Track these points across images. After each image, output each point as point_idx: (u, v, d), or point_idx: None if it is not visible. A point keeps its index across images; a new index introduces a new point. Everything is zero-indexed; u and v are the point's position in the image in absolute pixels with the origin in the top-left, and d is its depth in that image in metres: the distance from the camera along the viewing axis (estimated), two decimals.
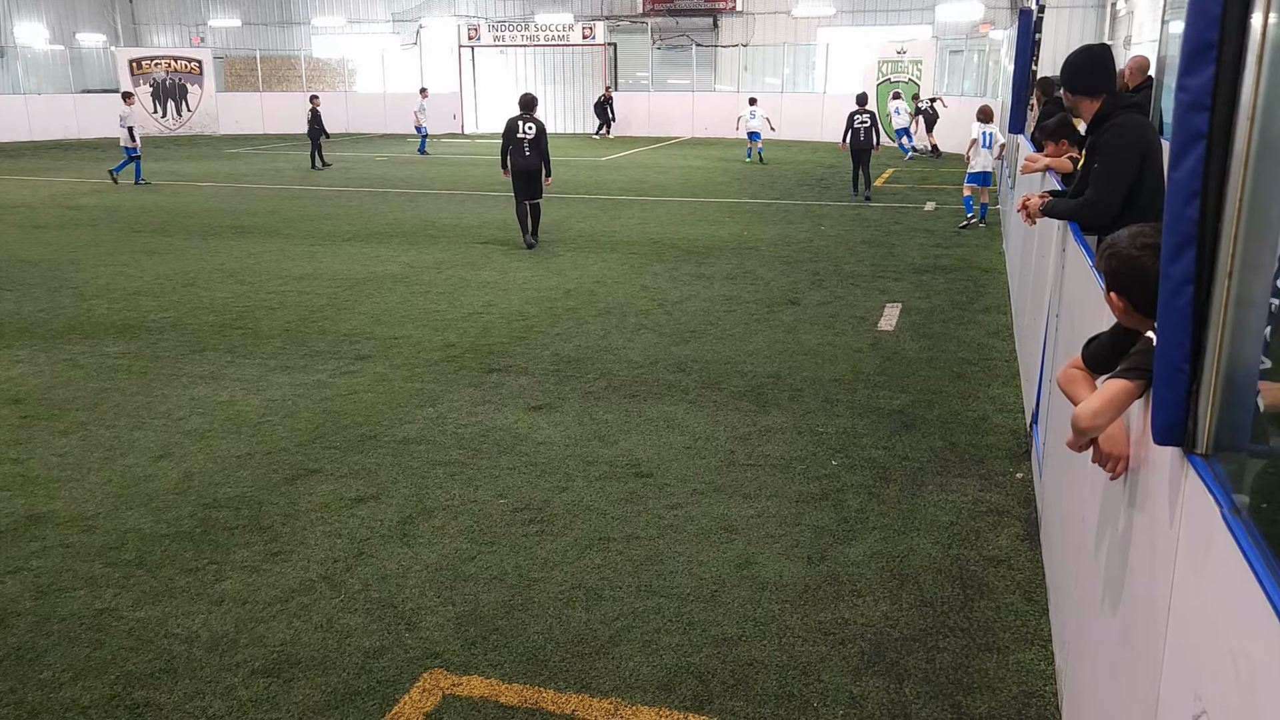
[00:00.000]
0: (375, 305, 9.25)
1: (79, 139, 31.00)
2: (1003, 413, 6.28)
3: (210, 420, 6.18)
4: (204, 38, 40.03)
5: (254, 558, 4.44)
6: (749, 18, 34.58)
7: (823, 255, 11.65)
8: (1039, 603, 4.04)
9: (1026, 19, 11.03)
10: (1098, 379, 2.51)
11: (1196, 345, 1.72)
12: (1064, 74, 4.66)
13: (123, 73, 32.92)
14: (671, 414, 6.26)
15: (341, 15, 39.37)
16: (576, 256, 11.66)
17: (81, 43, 38.89)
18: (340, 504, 4.99)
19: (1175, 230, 1.71)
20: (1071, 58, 4.65)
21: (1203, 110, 1.63)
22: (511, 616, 3.95)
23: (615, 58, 35.70)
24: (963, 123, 25.12)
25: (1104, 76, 4.55)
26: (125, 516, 4.85)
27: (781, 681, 3.53)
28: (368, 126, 35.34)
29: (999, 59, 22.30)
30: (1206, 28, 1.61)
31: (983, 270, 10.79)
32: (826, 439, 5.83)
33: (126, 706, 3.41)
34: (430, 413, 6.30)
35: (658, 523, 4.77)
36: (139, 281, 10.42)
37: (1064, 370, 2.64)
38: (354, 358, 7.53)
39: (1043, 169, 6.39)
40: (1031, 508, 4.92)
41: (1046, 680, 3.53)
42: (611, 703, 3.43)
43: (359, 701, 3.44)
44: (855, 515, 4.84)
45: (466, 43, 34.70)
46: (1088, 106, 4.55)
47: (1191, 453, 1.77)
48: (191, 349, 7.83)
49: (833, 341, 7.92)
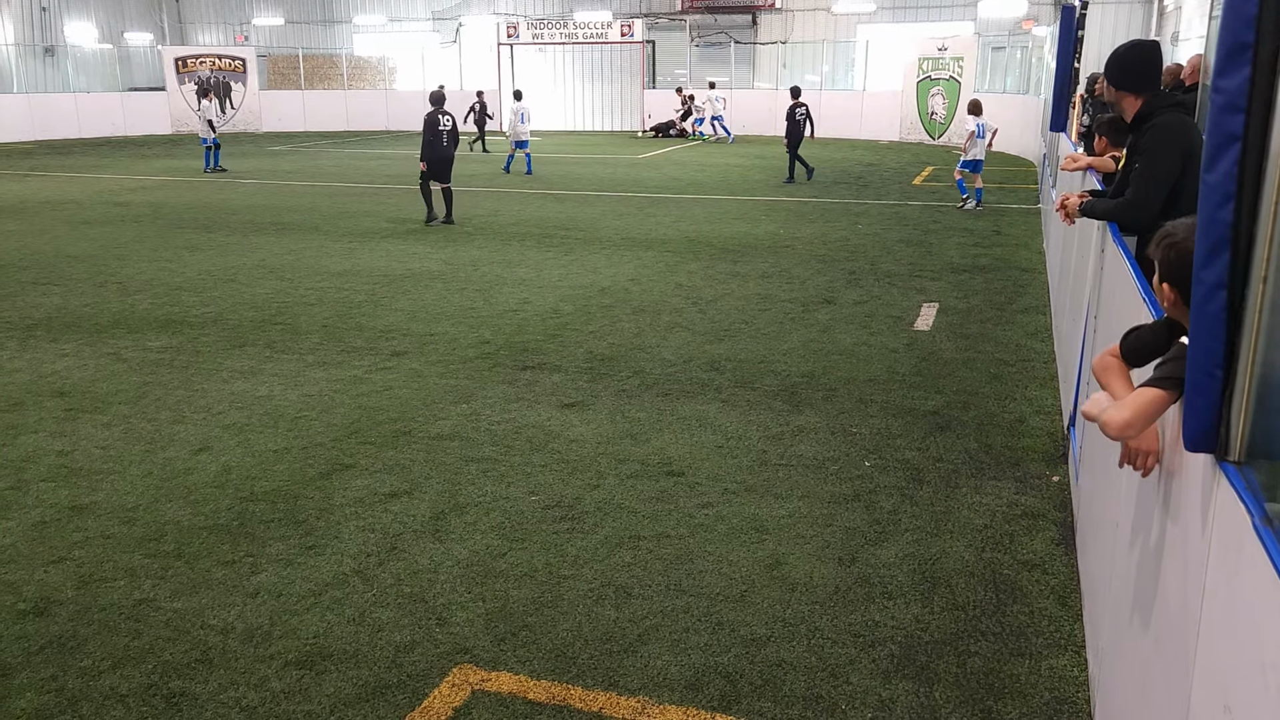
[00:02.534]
0: (412, 302, 9.34)
1: (126, 136, 31.56)
2: (1040, 415, 6.21)
3: (249, 415, 6.27)
4: (248, 36, 40.58)
5: (289, 551, 4.51)
6: (788, 14, 34.40)
7: (859, 254, 11.58)
8: (1073, 608, 3.99)
9: (1070, 15, 10.86)
10: (1133, 371, 2.47)
11: (1230, 350, 1.69)
12: (1109, 67, 4.56)
13: (168, 71, 33.46)
14: (704, 413, 6.25)
15: (382, 14, 39.72)
16: (611, 254, 11.68)
17: (129, 41, 39.60)
18: (374, 499, 5.05)
19: (1209, 234, 1.68)
20: (1119, 51, 4.55)
21: (1238, 112, 1.60)
22: (541, 613, 3.98)
23: (653, 55, 35.68)
24: (1003, 119, 24.86)
25: (1150, 74, 4.45)
26: (164, 509, 4.94)
27: (810, 683, 3.52)
28: (407, 124, 35.61)
29: (1042, 56, 22.00)
30: (1242, 28, 1.58)
31: (1022, 270, 10.66)
32: (860, 439, 5.80)
33: (163, 695, 3.47)
34: (464, 409, 6.35)
35: (688, 522, 4.77)
36: (181, 277, 10.60)
37: (1101, 357, 2.60)
38: (390, 354, 7.61)
39: (1084, 167, 6.30)
40: (1067, 511, 4.85)
41: (1079, 687, 3.49)
42: (639, 701, 3.43)
43: (389, 695, 3.48)
44: (888, 517, 4.81)
45: (505, 40, 34.86)
46: (1130, 103, 4.46)
47: (1224, 460, 1.74)
48: (231, 344, 7.95)
49: (868, 341, 7.86)
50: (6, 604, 4.07)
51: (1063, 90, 10.44)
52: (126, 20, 40.24)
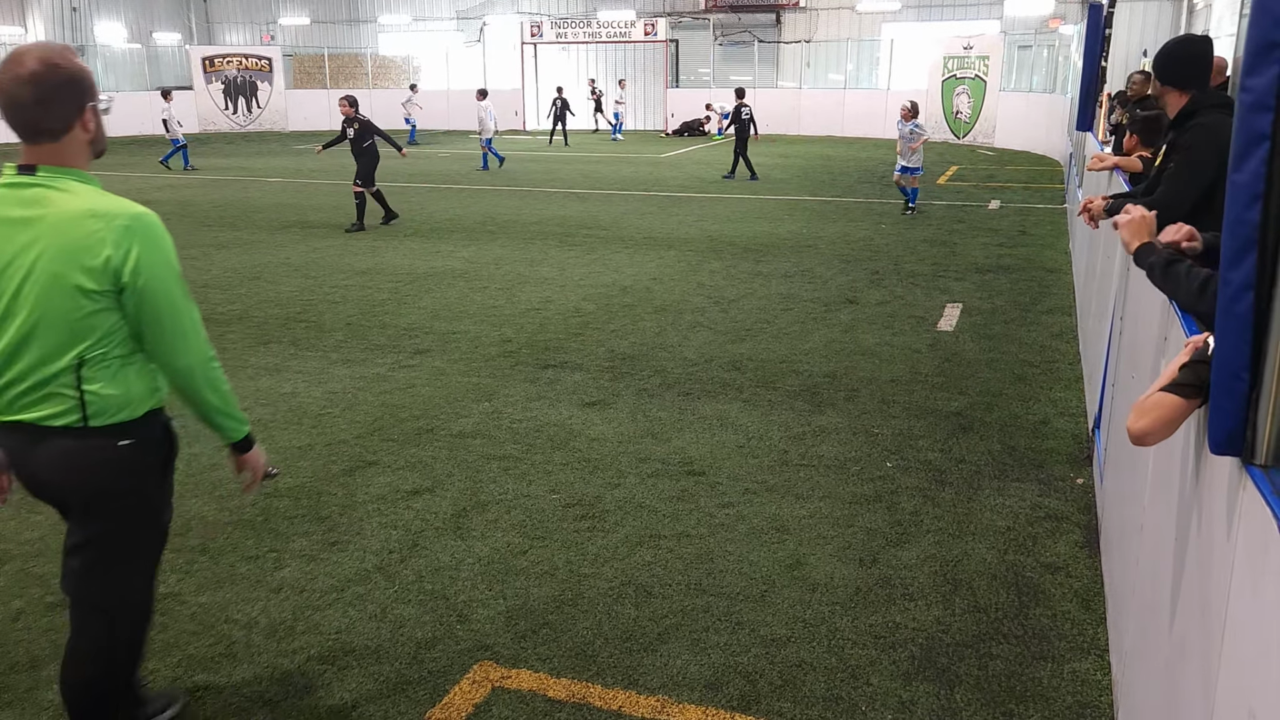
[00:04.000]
0: (435, 300, 9.38)
1: (154, 135, 31.85)
2: (1064, 416, 6.16)
3: (273, 411, 6.33)
4: (274, 36, 40.93)
5: (312, 547, 4.54)
6: (812, 13, 34.31)
7: (883, 254, 11.53)
8: (1097, 611, 3.95)
9: (1097, 14, 10.78)
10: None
11: (1256, 353, 1.67)
12: (1157, 61, 4.48)
13: (196, 70, 33.79)
14: (725, 412, 6.25)
15: (407, 13, 39.95)
16: (634, 253, 11.69)
17: (158, 41, 40.02)
18: (396, 496, 5.08)
19: (1236, 234, 1.66)
20: (1168, 45, 4.47)
21: (1266, 111, 1.59)
22: (561, 611, 3.99)
23: (677, 54, 35.69)
24: (1031, 118, 24.69)
25: (1198, 71, 4.35)
26: (190, 504, 4.99)
27: (830, 684, 3.51)
28: (431, 123, 35.78)
29: (1068, 55, 21.82)
30: (1271, 27, 1.57)
31: (1047, 271, 10.58)
32: (882, 440, 5.78)
33: (188, 688, 3.51)
34: (486, 407, 6.38)
35: (709, 521, 4.77)
36: (208, 274, 10.70)
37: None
38: (413, 352, 7.65)
39: (1109, 167, 6.25)
40: (1092, 514, 4.81)
41: (1102, 691, 3.46)
42: (659, 700, 3.44)
43: (411, 691, 3.50)
44: (909, 518, 4.79)
45: (529, 40, 34.96)
46: (1174, 100, 4.37)
47: (1250, 463, 1.73)
48: (257, 341, 8.02)
49: (891, 342, 7.83)
50: (35, 596, 4.12)
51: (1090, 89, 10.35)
52: (155, 20, 40.69)
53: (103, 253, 2.54)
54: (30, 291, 2.56)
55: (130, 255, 2.56)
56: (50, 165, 2.58)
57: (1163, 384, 2.10)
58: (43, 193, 2.56)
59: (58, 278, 2.54)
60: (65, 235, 2.54)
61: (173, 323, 2.68)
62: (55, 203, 2.56)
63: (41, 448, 2.69)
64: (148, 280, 2.60)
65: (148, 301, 2.62)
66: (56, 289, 2.54)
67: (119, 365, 2.68)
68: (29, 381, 2.62)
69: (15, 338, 2.60)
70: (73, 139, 2.59)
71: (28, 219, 2.55)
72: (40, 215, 2.55)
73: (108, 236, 2.55)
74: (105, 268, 2.55)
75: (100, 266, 2.55)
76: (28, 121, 2.54)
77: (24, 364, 2.61)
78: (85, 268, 2.54)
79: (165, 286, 2.64)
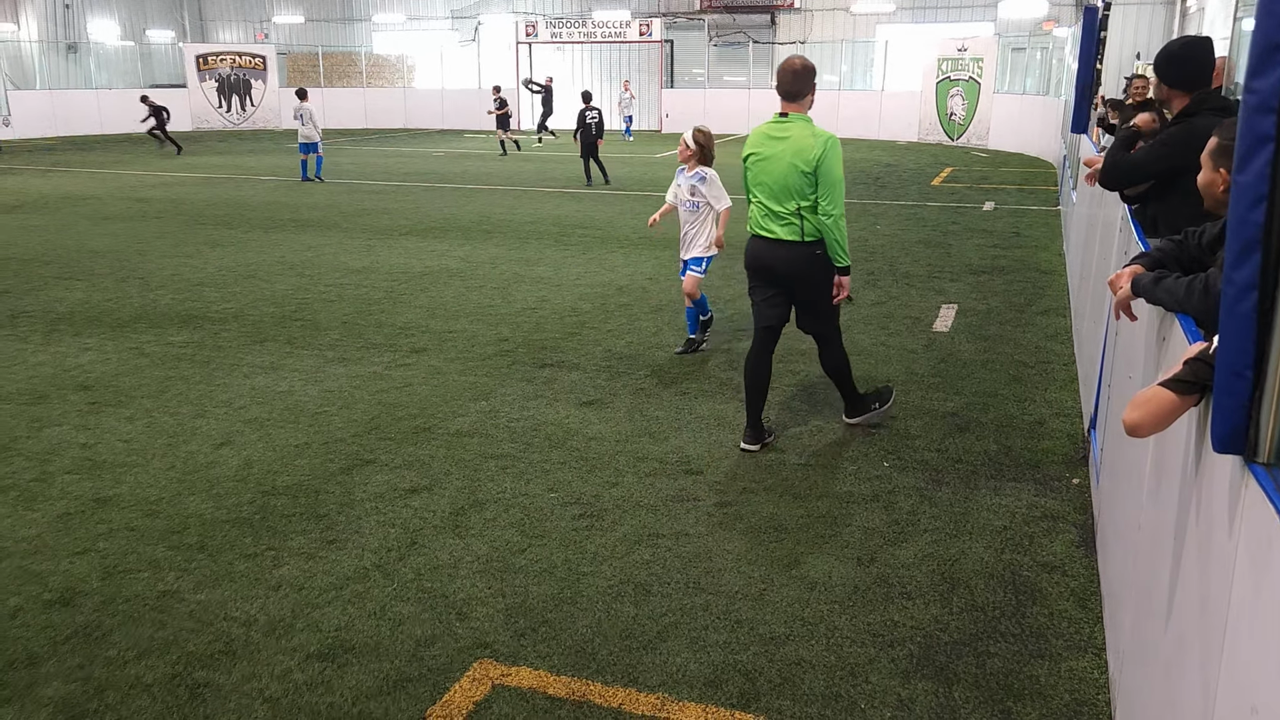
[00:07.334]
0: (431, 299, 9.38)
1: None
2: (1060, 417, 6.19)
3: (270, 410, 6.32)
4: (268, 34, 40.81)
5: (310, 545, 4.54)
6: (807, 14, 34.36)
7: (878, 255, 11.55)
8: (1093, 610, 3.98)
9: (1091, 16, 10.80)
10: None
11: (1259, 351, 1.69)
12: (1158, 62, 4.56)
13: (189, 68, 33.69)
14: (722, 412, 6.26)
15: (401, 12, 39.88)
16: (629, 253, 11.69)
17: (151, 39, 39.89)
18: (394, 494, 5.08)
19: (1240, 234, 1.68)
20: (1170, 47, 4.54)
21: (1270, 112, 1.60)
22: (560, 609, 3.99)
23: (671, 55, 35.70)
24: (1025, 120, 24.76)
25: (1198, 72, 4.43)
26: (187, 502, 4.98)
27: (829, 682, 3.52)
28: (425, 122, 35.78)
29: (1063, 57, 21.89)
30: (1275, 29, 1.58)
31: (1042, 272, 10.62)
32: (878, 440, 5.79)
33: (187, 686, 3.51)
34: (483, 406, 6.38)
35: (707, 520, 4.78)
36: (203, 273, 10.68)
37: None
38: (409, 350, 7.65)
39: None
40: (1088, 514, 4.84)
41: (1099, 689, 3.48)
42: (658, 698, 3.45)
43: (410, 688, 3.50)
44: (906, 517, 4.81)
45: (524, 39, 34.94)
46: (1178, 101, 4.45)
47: (1252, 461, 1.74)
48: (252, 340, 8.01)
49: (886, 342, 7.85)
50: (33, 594, 4.12)
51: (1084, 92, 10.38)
52: (148, 18, 40.55)
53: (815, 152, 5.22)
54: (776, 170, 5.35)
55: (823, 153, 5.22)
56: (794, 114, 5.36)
57: (1163, 379, 2.12)
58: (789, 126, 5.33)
59: (792, 166, 5.27)
60: (797, 145, 5.24)
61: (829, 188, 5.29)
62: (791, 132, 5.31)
63: (780, 249, 5.46)
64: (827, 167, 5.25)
65: (823, 177, 5.24)
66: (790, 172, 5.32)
67: (809, 212, 5.34)
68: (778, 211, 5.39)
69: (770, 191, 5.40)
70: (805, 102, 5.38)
71: (780, 138, 5.33)
72: (787, 136, 5.29)
73: (815, 144, 5.21)
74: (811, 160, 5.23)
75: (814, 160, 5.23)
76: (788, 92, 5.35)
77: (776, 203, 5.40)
78: (805, 159, 5.23)
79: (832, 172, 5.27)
